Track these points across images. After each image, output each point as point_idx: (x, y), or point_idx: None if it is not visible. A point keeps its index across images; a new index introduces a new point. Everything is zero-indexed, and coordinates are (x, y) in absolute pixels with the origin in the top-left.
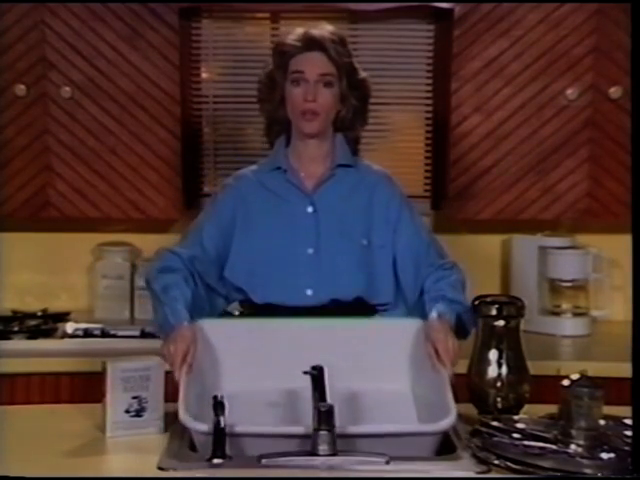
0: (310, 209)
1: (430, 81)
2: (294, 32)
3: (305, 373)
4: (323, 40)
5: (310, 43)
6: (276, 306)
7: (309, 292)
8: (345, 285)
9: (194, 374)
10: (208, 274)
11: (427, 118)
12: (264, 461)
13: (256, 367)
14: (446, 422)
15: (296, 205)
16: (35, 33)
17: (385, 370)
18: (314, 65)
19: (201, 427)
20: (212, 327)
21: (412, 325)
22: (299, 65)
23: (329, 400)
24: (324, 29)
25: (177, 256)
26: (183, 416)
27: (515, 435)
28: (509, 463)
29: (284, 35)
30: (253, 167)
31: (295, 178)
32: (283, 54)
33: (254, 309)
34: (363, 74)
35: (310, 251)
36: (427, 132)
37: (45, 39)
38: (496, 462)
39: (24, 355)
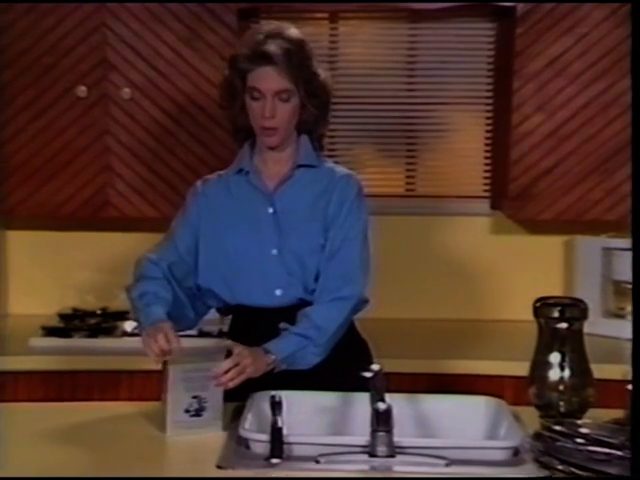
0: (270, 210)
1: (491, 80)
2: (249, 41)
3: (362, 376)
4: (274, 55)
5: (261, 58)
6: (248, 307)
7: (278, 292)
8: (311, 285)
9: None
10: (187, 278)
11: (487, 118)
12: (322, 461)
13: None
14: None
15: (258, 206)
16: (96, 35)
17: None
18: (269, 82)
19: (260, 437)
20: (295, 400)
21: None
22: (254, 82)
23: (387, 401)
24: (281, 37)
25: (155, 265)
26: (242, 431)
27: (579, 440)
28: (573, 469)
29: (241, 43)
30: (222, 171)
31: (257, 179)
32: (238, 68)
33: (229, 311)
34: (324, 75)
35: (274, 252)
36: (487, 132)
37: (106, 41)
38: (559, 467)
39: (84, 353)
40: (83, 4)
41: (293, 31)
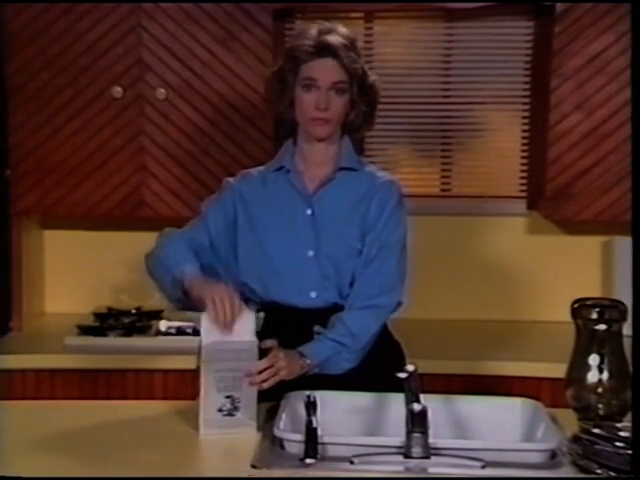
0: (309, 211)
1: (528, 79)
2: (307, 34)
3: (398, 377)
4: (336, 47)
5: (323, 50)
6: (281, 306)
7: (313, 294)
8: (345, 290)
9: None
10: (210, 260)
11: (524, 117)
12: (356, 462)
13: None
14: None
15: (296, 207)
16: (132, 36)
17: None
18: (327, 73)
19: (295, 437)
20: (329, 400)
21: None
22: (312, 72)
23: (422, 402)
24: (337, 33)
25: (179, 236)
26: (276, 431)
27: (619, 443)
28: (613, 473)
29: (297, 38)
30: (261, 167)
31: (297, 179)
32: (295, 59)
33: (262, 309)
34: (373, 77)
35: (311, 253)
36: (524, 131)
37: (141, 42)
38: (598, 471)
39: (119, 352)
40: (119, 5)
41: (344, 29)
